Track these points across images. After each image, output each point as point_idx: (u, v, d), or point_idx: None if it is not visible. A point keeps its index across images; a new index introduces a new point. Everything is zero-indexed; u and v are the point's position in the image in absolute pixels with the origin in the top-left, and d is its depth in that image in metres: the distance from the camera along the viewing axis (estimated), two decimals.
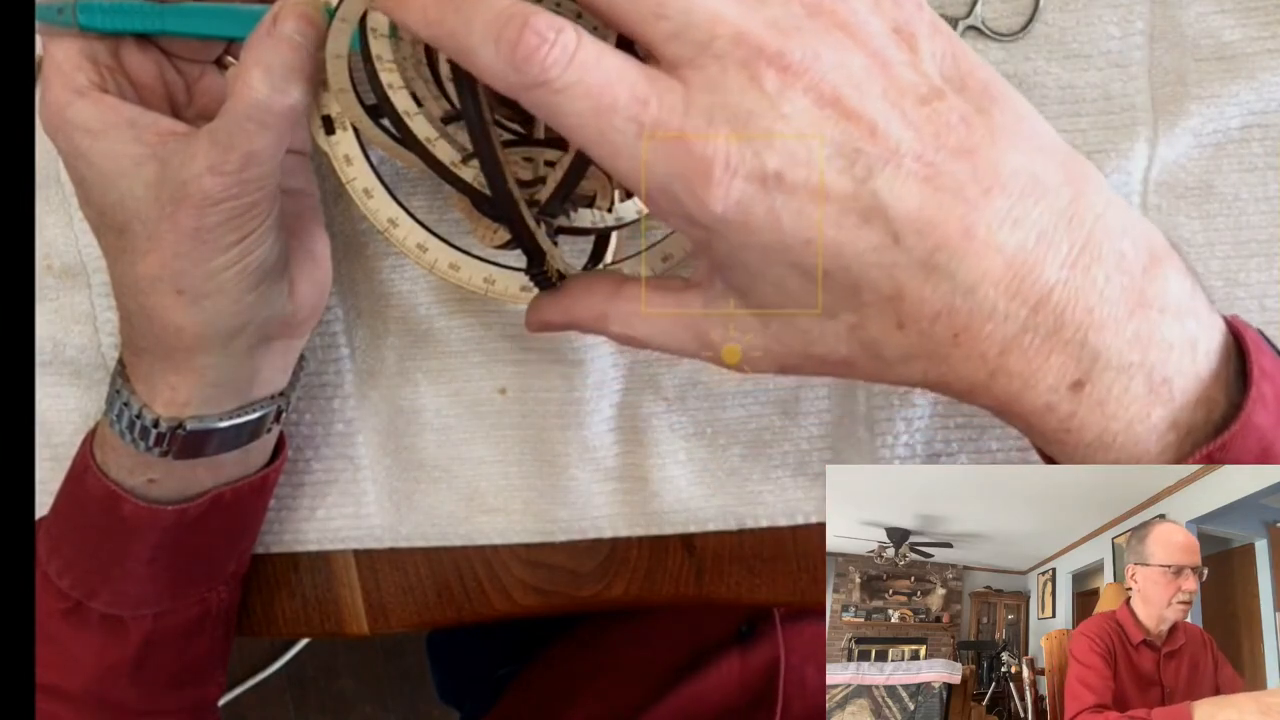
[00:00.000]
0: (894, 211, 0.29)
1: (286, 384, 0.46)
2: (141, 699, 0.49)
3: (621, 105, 0.29)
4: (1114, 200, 0.32)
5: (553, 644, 0.74)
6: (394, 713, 1.50)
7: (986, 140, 0.30)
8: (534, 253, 0.36)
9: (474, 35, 0.29)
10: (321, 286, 0.45)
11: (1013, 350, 0.31)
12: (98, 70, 0.39)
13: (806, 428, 0.50)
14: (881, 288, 0.30)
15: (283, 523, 0.53)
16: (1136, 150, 0.46)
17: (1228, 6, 0.44)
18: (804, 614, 0.63)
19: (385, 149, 0.43)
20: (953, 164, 0.29)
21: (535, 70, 0.29)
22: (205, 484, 0.45)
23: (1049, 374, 0.31)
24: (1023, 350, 0.31)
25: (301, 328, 0.45)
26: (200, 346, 0.41)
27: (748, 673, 0.61)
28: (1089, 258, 0.30)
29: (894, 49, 0.30)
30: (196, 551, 0.47)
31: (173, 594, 0.48)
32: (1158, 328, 0.31)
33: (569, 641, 0.73)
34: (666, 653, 0.64)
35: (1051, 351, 0.31)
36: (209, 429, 0.43)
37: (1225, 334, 0.33)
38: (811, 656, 0.60)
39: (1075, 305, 0.30)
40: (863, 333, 0.32)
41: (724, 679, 0.61)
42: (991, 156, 0.30)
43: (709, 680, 0.61)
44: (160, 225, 0.38)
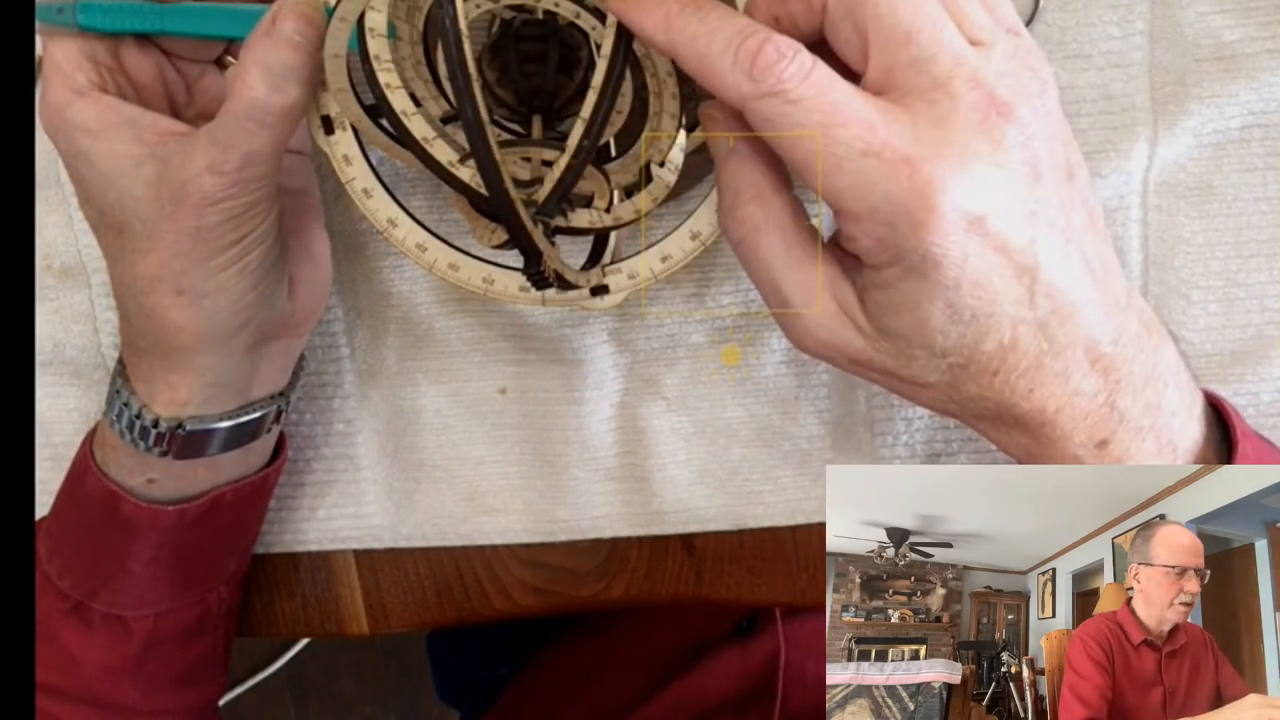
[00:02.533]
0: (1042, 274, 0.32)
1: (286, 384, 0.46)
2: (143, 699, 0.49)
3: (850, 123, 0.30)
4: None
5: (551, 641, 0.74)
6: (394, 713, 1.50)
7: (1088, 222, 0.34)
8: (531, 253, 0.36)
9: (715, 44, 0.32)
10: (321, 286, 0.45)
11: (1066, 409, 0.34)
12: (97, 70, 0.39)
13: (806, 428, 0.50)
14: (1004, 338, 0.33)
15: (283, 523, 0.53)
16: (1136, 150, 0.46)
17: (1228, 6, 0.44)
18: (804, 610, 0.63)
19: (384, 149, 0.43)
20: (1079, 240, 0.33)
21: (771, 80, 0.31)
22: (205, 484, 0.45)
23: (1084, 432, 0.34)
24: (1073, 410, 0.34)
25: (301, 327, 0.45)
26: (200, 346, 0.41)
27: (748, 667, 0.61)
28: (1126, 333, 0.34)
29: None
30: (197, 551, 0.47)
31: (173, 594, 0.48)
32: (1164, 395, 0.35)
33: (568, 637, 0.73)
34: (666, 647, 0.64)
35: (1091, 412, 0.34)
36: (209, 429, 0.43)
37: (1204, 400, 0.37)
38: (812, 651, 0.60)
39: (1116, 372, 0.34)
40: (959, 372, 0.34)
41: (724, 673, 0.61)
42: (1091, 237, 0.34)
43: (709, 674, 0.61)
44: (160, 225, 0.38)
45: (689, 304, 0.49)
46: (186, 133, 0.38)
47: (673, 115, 0.41)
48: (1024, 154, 0.31)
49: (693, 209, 0.42)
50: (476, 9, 0.39)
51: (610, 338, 0.50)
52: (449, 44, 0.33)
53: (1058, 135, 0.32)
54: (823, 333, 0.35)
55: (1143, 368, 0.34)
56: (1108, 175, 0.46)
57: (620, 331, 0.50)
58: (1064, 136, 0.33)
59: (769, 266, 0.35)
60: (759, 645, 0.61)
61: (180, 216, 0.37)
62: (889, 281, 0.32)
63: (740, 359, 0.50)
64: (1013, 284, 0.32)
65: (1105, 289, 0.33)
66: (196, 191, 0.37)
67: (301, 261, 0.44)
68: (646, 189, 0.42)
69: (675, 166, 0.42)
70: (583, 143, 0.36)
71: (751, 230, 0.35)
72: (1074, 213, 0.33)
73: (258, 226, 0.39)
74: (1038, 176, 0.32)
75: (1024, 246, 0.31)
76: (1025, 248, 0.31)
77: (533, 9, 0.40)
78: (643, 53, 0.39)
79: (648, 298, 0.49)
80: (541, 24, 0.41)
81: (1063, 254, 0.32)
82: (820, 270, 0.35)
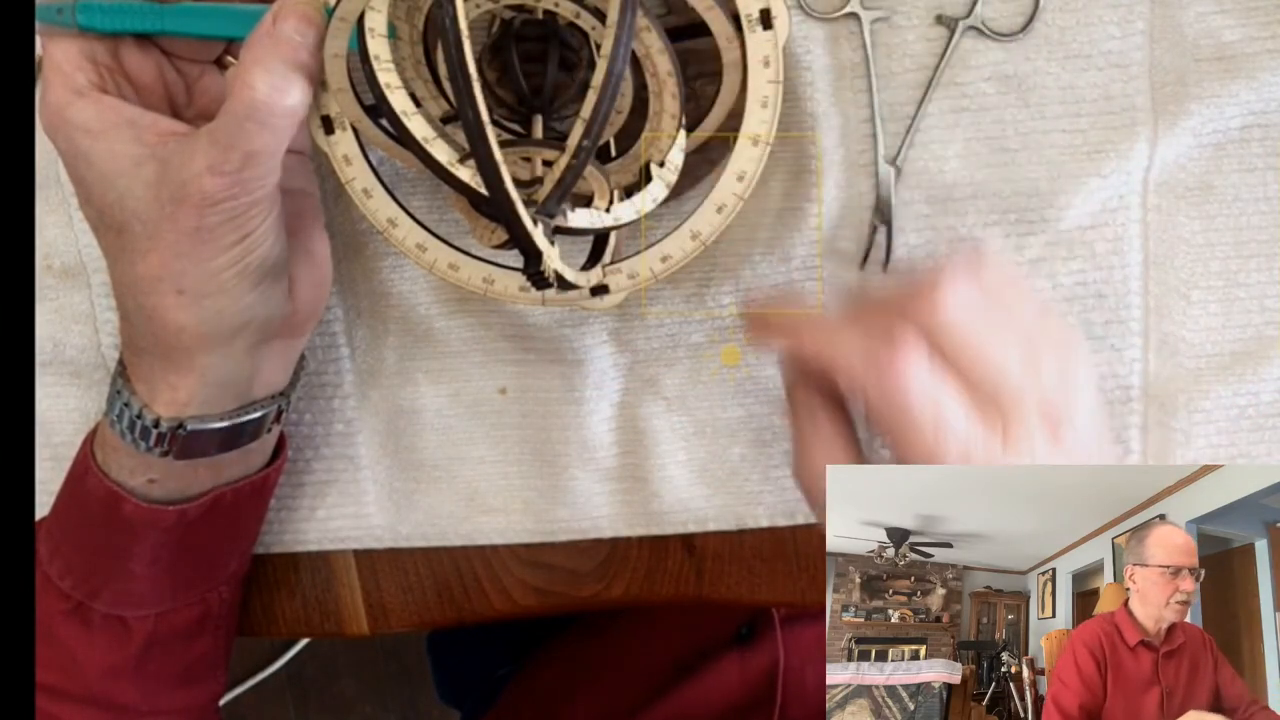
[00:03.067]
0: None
1: (287, 384, 0.46)
2: (143, 699, 0.49)
3: (954, 434, 0.36)
4: None
5: (551, 641, 0.74)
6: (394, 713, 1.50)
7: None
8: (531, 253, 0.36)
9: (852, 354, 0.37)
10: (322, 286, 0.45)
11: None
12: (97, 70, 0.39)
13: None
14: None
15: (283, 523, 0.53)
16: (1136, 150, 0.46)
17: (1228, 6, 0.44)
18: (803, 616, 0.63)
19: (384, 149, 0.43)
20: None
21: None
22: (206, 484, 0.45)
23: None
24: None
25: (302, 327, 0.45)
26: (201, 346, 0.41)
27: (747, 674, 0.61)
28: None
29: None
30: (198, 551, 0.47)
31: (174, 594, 0.48)
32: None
33: (568, 638, 0.73)
34: (666, 652, 0.64)
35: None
36: (210, 429, 0.43)
37: None
38: (811, 659, 0.60)
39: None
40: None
41: (723, 680, 0.61)
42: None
43: (708, 680, 0.61)
44: (160, 225, 0.38)
45: (689, 304, 0.49)
46: (186, 133, 0.38)
47: (673, 115, 0.41)
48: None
49: (692, 209, 0.42)
50: (476, 9, 0.39)
51: (610, 338, 0.50)
52: (449, 44, 0.33)
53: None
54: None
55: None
56: (1108, 175, 0.46)
57: (620, 331, 0.50)
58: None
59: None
60: (759, 652, 0.61)
61: (181, 217, 0.37)
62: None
63: (740, 359, 0.50)
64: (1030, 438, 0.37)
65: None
66: (197, 192, 0.37)
67: (302, 261, 0.44)
68: (646, 189, 0.42)
69: (675, 166, 0.42)
70: (583, 142, 0.36)
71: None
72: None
73: (258, 227, 0.39)
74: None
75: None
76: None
77: (533, 9, 0.40)
78: (643, 53, 0.39)
79: (648, 298, 0.49)
80: (541, 24, 0.41)
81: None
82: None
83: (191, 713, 0.52)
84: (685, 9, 0.39)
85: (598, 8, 0.39)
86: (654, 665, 0.63)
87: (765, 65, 0.39)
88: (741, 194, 0.41)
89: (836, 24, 0.45)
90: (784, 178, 0.47)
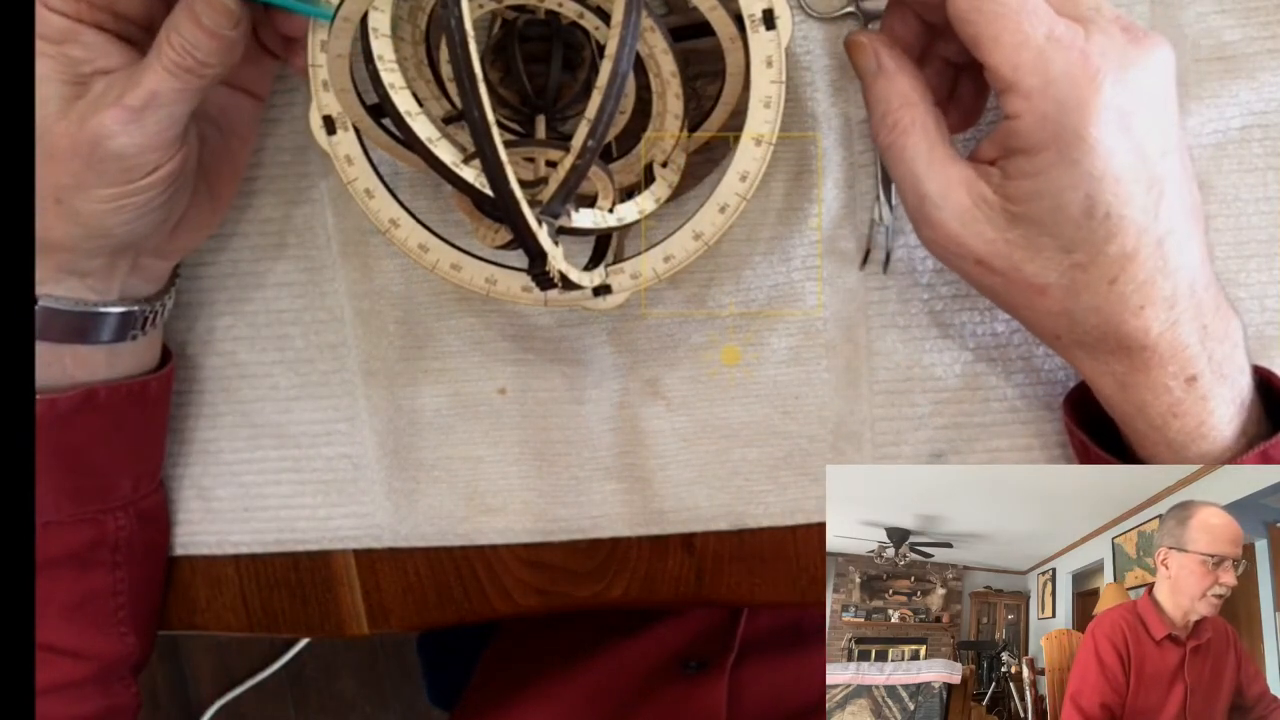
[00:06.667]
0: (1168, 189, 0.37)
1: (153, 292, 0.47)
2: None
3: (1041, 13, 0.36)
4: None
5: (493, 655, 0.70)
6: (394, 713, 1.50)
7: (1189, 171, 0.39)
8: (536, 253, 0.36)
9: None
10: (208, 229, 0.47)
11: (1166, 335, 0.38)
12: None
13: (806, 428, 0.50)
14: (1127, 244, 0.37)
15: (283, 522, 0.53)
16: None
17: (1228, 6, 0.44)
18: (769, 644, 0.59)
19: (387, 149, 0.43)
20: (1189, 179, 0.39)
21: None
22: (74, 378, 0.45)
23: (1178, 363, 0.39)
24: (1173, 338, 0.38)
25: (176, 254, 0.46)
26: (64, 246, 0.42)
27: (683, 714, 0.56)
28: (1212, 285, 0.39)
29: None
30: (78, 456, 0.46)
31: (58, 504, 0.46)
32: (1235, 352, 0.40)
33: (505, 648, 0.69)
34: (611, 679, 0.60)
35: (1187, 345, 0.38)
36: (58, 309, 0.43)
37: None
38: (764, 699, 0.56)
39: (1205, 316, 0.39)
40: (1079, 274, 0.38)
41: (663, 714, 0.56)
42: (1192, 185, 0.39)
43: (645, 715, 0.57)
44: (59, 141, 0.39)
45: (689, 304, 0.49)
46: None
47: (676, 115, 0.41)
48: (1163, 77, 0.37)
49: (694, 209, 0.42)
50: (480, 9, 0.39)
51: (610, 338, 0.50)
52: (454, 44, 0.33)
53: (1174, 87, 0.38)
54: (955, 224, 0.38)
55: (1221, 322, 0.39)
56: None
57: (621, 331, 0.50)
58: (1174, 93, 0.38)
59: (913, 165, 0.39)
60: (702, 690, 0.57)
61: (80, 138, 0.38)
62: (1038, 169, 0.36)
63: (740, 359, 0.50)
64: (1144, 192, 0.36)
65: (1202, 235, 0.38)
66: (97, 123, 0.38)
67: (201, 203, 0.45)
68: (649, 189, 0.42)
69: (678, 167, 0.43)
70: (588, 143, 0.36)
71: (901, 134, 0.39)
72: (1185, 154, 0.38)
73: (150, 174, 0.40)
74: (1169, 101, 0.37)
75: (1157, 157, 0.36)
76: (1158, 159, 0.36)
77: (535, 9, 0.40)
78: (646, 53, 0.39)
79: (648, 298, 0.49)
80: (544, 24, 0.41)
81: (1182, 179, 0.37)
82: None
83: (85, 660, 0.48)
84: (687, 9, 0.40)
85: (600, 8, 0.39)
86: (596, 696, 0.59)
87: (768, 65, 0.39)
88: (744, 194, 0.41)
89: (836, 24, 0.45)
90: (784, 178, 0.47)
